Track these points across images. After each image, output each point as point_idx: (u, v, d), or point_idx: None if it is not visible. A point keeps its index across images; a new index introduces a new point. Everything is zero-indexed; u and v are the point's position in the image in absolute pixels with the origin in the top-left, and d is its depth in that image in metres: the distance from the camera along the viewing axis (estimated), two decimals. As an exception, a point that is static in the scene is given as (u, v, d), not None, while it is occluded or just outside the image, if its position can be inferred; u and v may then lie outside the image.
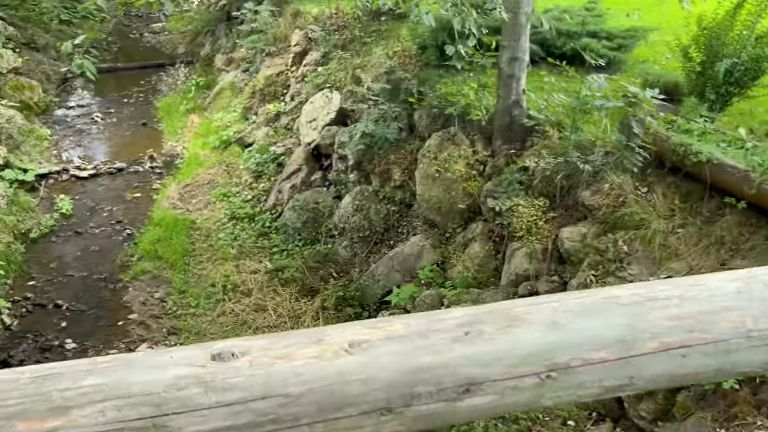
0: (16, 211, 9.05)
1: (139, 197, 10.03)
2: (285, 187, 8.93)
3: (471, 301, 5.68)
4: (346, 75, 9.72)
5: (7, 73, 12.69)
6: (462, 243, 6.60)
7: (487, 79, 7.12)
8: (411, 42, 9.00)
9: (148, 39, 18.39)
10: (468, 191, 6.77)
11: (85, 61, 4.72)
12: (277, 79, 11.88)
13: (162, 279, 8.01)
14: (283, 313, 7.16)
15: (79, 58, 4.76)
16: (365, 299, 7.00)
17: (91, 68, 4.72)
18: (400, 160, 7.65)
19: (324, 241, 7.96)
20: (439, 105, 7.54)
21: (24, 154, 10.74)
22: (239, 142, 10.87)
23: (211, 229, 8.81)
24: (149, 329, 7.20)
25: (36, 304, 7.55)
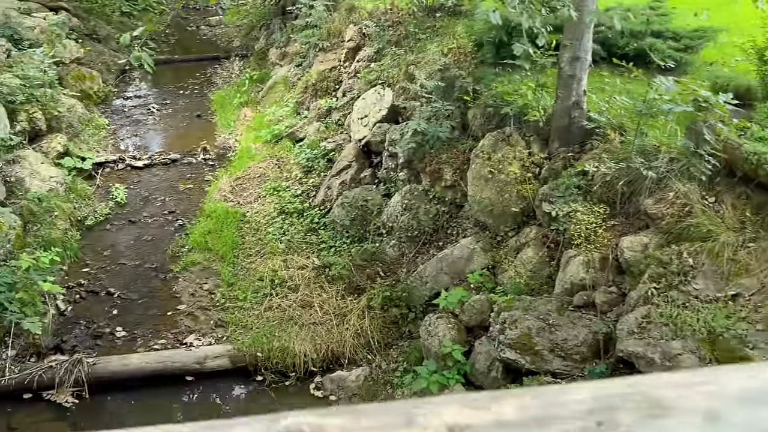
0: (73, 199, 9.29)
1: (191, 188, 10.16)
2: (334, 184, 8.88)
3: (523, 309, 5.49)
4: (399, 71, 9.59)
5: (69, 63, 13.05)
6: (514, 247, 6.41)
7: (545, 79, 6.88)
8: (467, 39, 8.82)
9: (204, 32, 18.66)
10: (522, 194, 6.57)
11: (143, 53, 4.73)
12: (330, 74, 11.85)
13: (211, 271, 8.07)
14: (329, 311, 7.11)
15: (138, 51, 4.78)
16: (412, 300, 6.89)
17: (148, 60, 4.74)
18: (451, 159, 7.50)
19: (372, 240, 7.87)
20: (494, 104, 7.35)
21: (83, 142, 11.01)
22: (290, 136, 10.89)
23: (261, 222, 8.83)
24: (197, 321, 7.26)
25: (89, 291, 7.71)
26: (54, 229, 8.18)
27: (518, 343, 5.30)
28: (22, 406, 6.17)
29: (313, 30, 12.90)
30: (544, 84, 6.83)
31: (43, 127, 10.26)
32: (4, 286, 6.60)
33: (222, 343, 6.85)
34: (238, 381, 6.62)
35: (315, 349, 6.69)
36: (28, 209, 8.16)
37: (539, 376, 5.10)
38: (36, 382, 6.25)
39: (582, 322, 5.22)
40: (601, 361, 4.97)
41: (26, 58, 11.19)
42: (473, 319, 6.03)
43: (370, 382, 6.37)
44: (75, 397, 6.25)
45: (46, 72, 10.79)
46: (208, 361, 6.60)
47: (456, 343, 5.80)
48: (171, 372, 6.53)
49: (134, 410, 6.26)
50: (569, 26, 6.27)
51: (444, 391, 5.58)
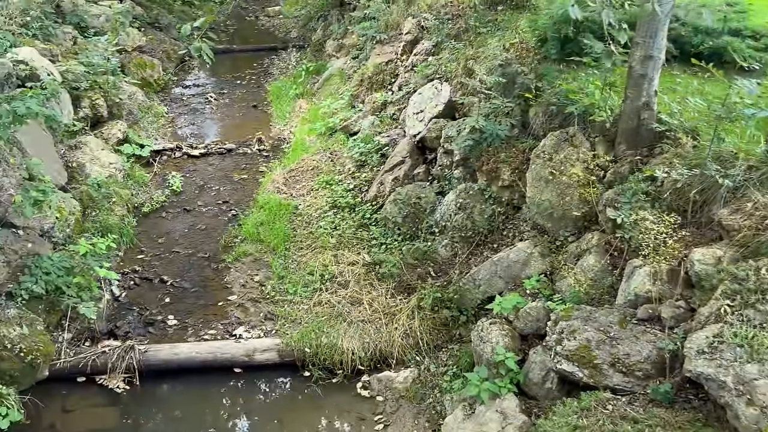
0: (131, 185, 9.44)
1: (245, 179, 10.21)
2: (387, 179, 8.74)
3: (582, 319, 5.24)
4: (457, 66, 9.36)
5: (131, 51, 13.32)
6: (574, 254, 6.14)
7: (614, 78, 6.55)
8: (530, 34, 8.51)
9: (263, 22, 18.78)
10: (585, 198, 6.28)
11: (204, 44, 4.69)
12: (386, 67, 11.70)
13: (262, 262, 8.07)
14: (379, 309, 6.99)
15: (198, 42, 4.73)
16: (463, 303, 6.70)
17: (208, 52, 4.70)
18: (510, 158, 7.25)
19: (424, 238, 7.71)
20: (557, 102, 7.06)
21: (142, 129, 11.21)
22: (344, 129, 10.81)
23: (313, 216, 8.79)
24: (247, 312, 7.26)
25: (143, 277, 7.81)
26: (111, 215, 8.33)
27: (576, 355, 5.06)
28: (76, 389, 6.29)
29: (371, 22, 12.78)
30: (612, 83, 6.50)
31: (105, 114, 10.47)
32: (62, 270, 6.73)
33: (271, 337, 6.82)
34: (285, 375, 6.58)
35: (363, 348, 6.60)
36: (88, 195, 8.32)
37: (598, 392, 4.85)
38: (90, 366, 6.36)
39: (646, 337, 4.94)
40: (666, 380, 4.68)
41: (91, 45, 11.46)
42: (528, 326, 5.80)
43: (418, 385, 6.23)
44: (126, 383, 6.33)
45: (109, 60, 11.01)
46: (257, 354, 6.59)
47: (509, 350, 5.59)
48: (220, 363, 6.55)
49: (183, 399, 6.30)
50: (643, 23, 5.93)
51: (495, 400, 5.39)
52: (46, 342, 6.19)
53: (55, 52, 10.43)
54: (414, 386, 6.21)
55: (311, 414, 6.14)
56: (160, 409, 6.19)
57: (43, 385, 6.13)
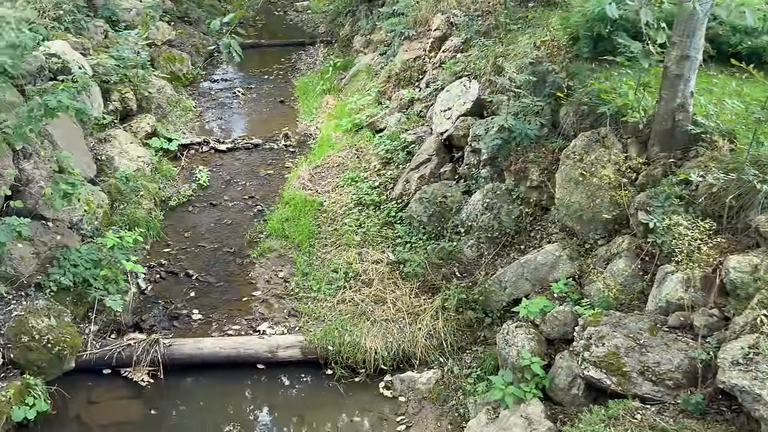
0: (158, 179, 9.51)
1: (271, 174, 10.22)
2: (413, 177, 8.67)
3: (611, 325, 5.12)
4: (486, 63, 9.25)
5: (161, 45, 13.42)
6: (604, 257, 6.00)
7: (648, 78, 6.39)
8: (562, 31, 8.35)
9: (291, 17, 18.80)
10: (616, 200, 6.14)
11: (232, 40, 4.66)
12: (414, 63, 11.60)
13: (287, 258, 8.07)
14: (402, 309, 6.94)
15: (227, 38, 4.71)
16: (489, 305, 6.61)
17: (236, 48, 4.68)
18: (539, 158, 7.13)
19: (449, 238, 7.62)
20: (589, 102, 6.91)
21: (170, 123, 11.28)
22: (371, 126, 10.76)
23: (338, 213, 8.76)
24: (271, 308, 7.26)
25: (169, 271, 7.86)
26: (139, 208, 8.40)
27: (604, 361, 4.95)
28: (101, 381, 6.35)
29: (400, 18, 12.68)
30: (646, 83, 6.34)
31: (134, 107, 10.56)
32: (89, 262, 6.80)
33: (294, 334, 6.81)
34: (308, 373, 6.57)
35: (386, 347, 6.55)
36: (116, 188, 8.39)
37: (626, 400, 4.74)
38: (115, 358, 6.42)
39: (677, 345, 4.81)
40: (697, 391, 4.55)
41: (122, 39, 11.56)
42: (555, 331, 5.70)
43: (441, 387, 6.17)
44: (150, 376, 6.37)
45: (139, 53, 11.10)
46: (280, 351, 6.59)
47: (535, 355, 5.49)
48: (243, 359, 6.56)
49: (206, 393, 6.32)
50: (680, 22, 5.77)
51: (520, 405, 5.30)
52: (73, 334, 6.26)
53: (86, 46, 10.54)
54: (437, 388, 6.15)
55: (333, 412, 6.12)
56: (183, 403, 6.22)
57: (70, 376, 6.20)
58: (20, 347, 5.92)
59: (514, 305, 6.41)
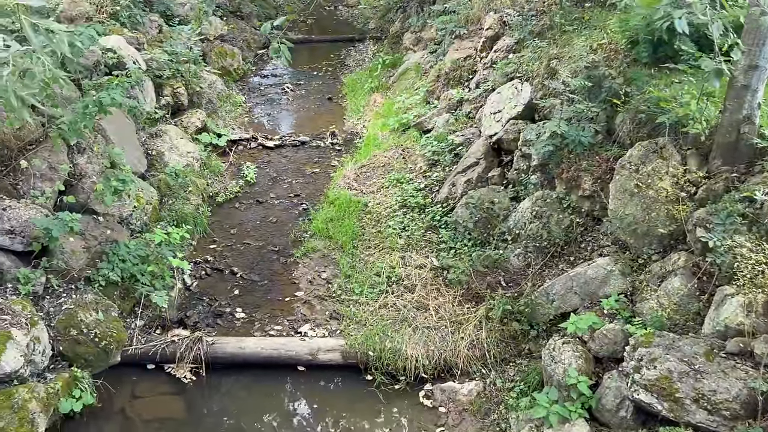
0: (207, 175, 9.61)
1: (317, 173, 10.21)
2: (460, 181, 8.52)
3: (664, 347, 4.90)
4: (539, 65, 9.00)
5: (213, 40, 13.57)
6: (658, 274, 5.76)
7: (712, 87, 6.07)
8: (620, 35, 8.05)
9: (341, 12, 18.78)
10: (672, 215, 5.88)
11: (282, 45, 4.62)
12: (464, 63, 11.41)
13: (330, 259, 8.05)
14: (445, 316, 6.83)
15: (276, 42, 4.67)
16: (535, 317, 6.44)
17: (286, 53, 4.63)
18: (593, 167, 6.89)
19: (495, 245, 7.46)
20: (647, 110, 6.63)
21: (220, 118, 11.39)
22: (418, 126, 10.63)
23: (382, 214, 8.68)
24: (313, 309, 7.25)
25: (215, 268, 7.93)
26: (187, 204, 8.49)
27: (656, 385, 4.74)
28: (145, 376, 6.45)
29: (451, 16, 12.49)
30: (710, 93, 6.04)
31: (185, 102, 10.69)
32: (137, 258, 6.90)
33: (335, 337, 6.78)
34: (347, 377, 6.53)
35: (427, 355, 6.46)
36: (165, 183, 8.51)
37: (678, 428, 4.54)
38: (159, 354, 6.50)
39: (736, 374, 4.56)
40: (756, 424, 4.31)
41: (175, 34, 11.72)
42: (604, 349, 5.49)
43: (483, 399, 6.04)
44: (193, 373, 6.44)
45: (191, 49, 11.22)
46: (320, 354, 6.57)
47: (582, 373, 5.31)
48: (284, 360, 6.56)
49: (246, 393, 6.35)
50: (749, 30, 5.46)
51: (564, 425, 5.14)
52: (119, 328, 6.37)
53: (141, 41, 10.70)
54: (478, 400, 6.02)
55: (371, 419, 6.07)
56: (224, 401, 6.26)
57: (115, 370, 6.32)
58: (69, 340, 6.05)
59: (561, 319, 6.24)
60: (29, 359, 5.61)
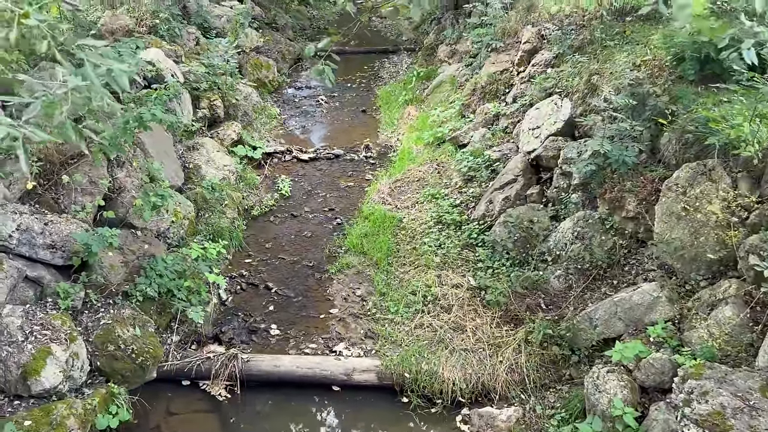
0: (242, 187, 9.63)
1: (351, 186, 10.17)
2: (497, 198, 8.38)
3: (716, 380, 4.71)
4: (579, 81, 8.84)
5: (249, 52, 13.66)
6: (707, 302, 5.55)
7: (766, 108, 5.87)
8: (664, 51, 7.86)
9: (375, 23, 18.78)
10: (722, 240, 5.67)
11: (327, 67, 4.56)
12: (501, 76, 11.28)
13: (365, 276, 7.97)
14: (483, 339, 6.69)
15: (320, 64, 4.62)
16: (576, 342, 6.26)
17: (330, 76, 4.57)
18: (637, 188, 6.70)
19: (534, 266, 7.30)
20: (695, 130, 6.43)
21: (255, 131, 11.44)
22: (453, 140, 10.52)
23: (417, 231, 8.59)
24: (348, 328, 7.17)
25: (249, 283, 7.91)
26: (223, 217, 8.50)
27: (708, 421, 4.55)
28: (180, 392, 6.44)
29: (487, 29, 12.38)
30: (764, 114, 5.82)
31: (221, 115, 10.76)
32: (174, 273, 6.91)
33: (370, 357, 6.69)
34: (383, 399, 6.43)
35: (465, 379, 6.33)
36: (202, 196, 8.54)
37: (732, 467, 4.34)
38: (194, 371, 6.49)
39: (794, 412, 4.36)
40: (818, 467, 4.10)
41: (212, 46, 11.82)
42: (650, 379, 5.31)
43: (522, 426, 5.88)
44: (228, 391, 6.41)
45: (228, 61, 11.29)
46: (356, 374, 6.48)
47: (628, 404, 5.13)
48: (319, 379, 6.49)
49: (280, 412, 6.30)
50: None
51: (609, 458, 4.97)
52: (155, 344, 6.37)
53: (179, 53, 10.82)
54: (518, 427, 5.87)
55: (407, 443, 5.96)
56: (258, 420, 6.21)
57: (151, 386, 6.31)
58: (106, 355, 6.07)
59: (604, 345, 6.07)
60: (68, 375, 5.63)
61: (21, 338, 5.59)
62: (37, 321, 5.78)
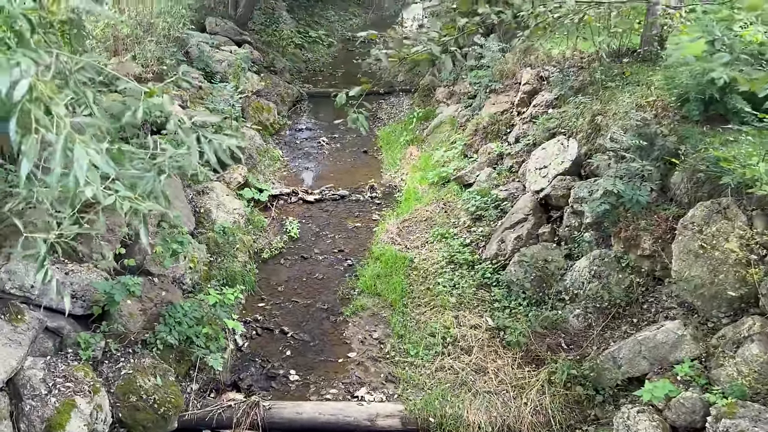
0: (251, 231, 9.63)
1: (359, 227, 10.21)
2: (509, 237, 8.46)
3: (750, 419, 4.74)
4: (583, 121, 9.04)
5: (250, 95, 13.80)
6: (732, 339, 5.61)
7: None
8: (667, 92, 8.09)
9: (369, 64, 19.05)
10: (743, 277, 5.77)
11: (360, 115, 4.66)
12: (502, 117, 11.50)
13: (380, 318, 7.95)
14: (505, 380, 6.68)
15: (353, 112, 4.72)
16: (601, 382, 6.27)
17: (364, 123, 4.67)
18: (652, 226, 6.82)
19: (552, 305, 7.35)
20: (707, 170, 6.59)
21: (260, 173, 11.49)
22: (458, 180, 10.65)
23: (429, 271, 8.62)
24: (367, 371, 7.12)
25: (264, 327, 7.86)
26: (235, 261, 8.48)
27: (746, 461, 4.56)
28: (202, 442, 6.32)
29: (485, 70, 12.65)
30: (775, 153, 6.00)
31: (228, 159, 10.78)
32: (193, 320, 6.86)
33: (393, 402, 6.64)
34: (407, 445, 6.36)
35: (490, 422, 6.29)
36: (214, 241, 8.53)
37: (775, 508, 4.34)
38: (215, 420, 6.38)
39: (833, 450, 4.39)
40: None
41: (216, 91, 11.94)
42: (681, 419, 5.32)
43: (552, 469, 5.85)
44: (250, 440, 6.31)
45: (234, 105, 11.41)
46: (379, 420, 6.42)
47: (661, 445, 5.13)
48: (342, 426, 6.41)
49: (304, 461, 6.20)
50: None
51: (646, 500, 4.94)
52: (177, 393, 6.28)
53: (184, 98, 10.92)
54: (547, 470, 5.83)
55: (436, 489, 5.88)
56: (282, 470, 6.12)
57: (172, 437, 6.21)
58: (128, 406, 5.97)
59: (628, 384, 6.08)
60: (92, 428, 5.53)
61: (44, 391, 5.49)
62: (59, 373, 5.69)
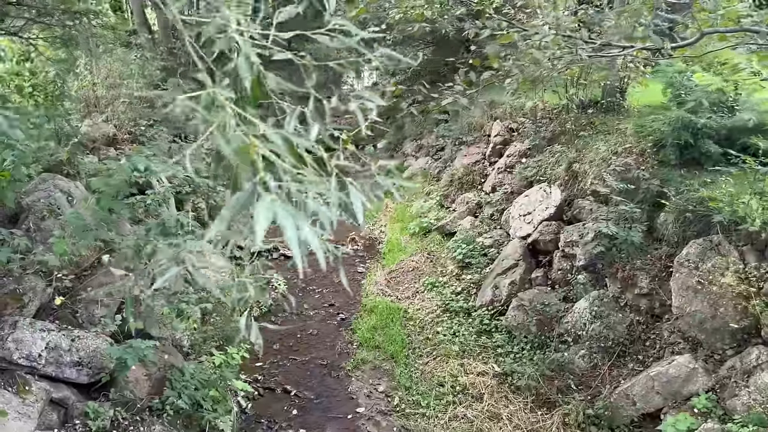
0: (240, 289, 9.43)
1: (346, 281, 10.17)
2: (503, 283, 8.63)
3: (776, 445, 4.94)
4: (560, 169, 9.45)
5: (218, 154, 13.72)
6: (743, 370, 5.87)
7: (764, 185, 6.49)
8: (641, 139, 8.60)
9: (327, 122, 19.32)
10: (743, 309, 6.08)
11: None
12: (474, 167, 11.88)
13: (383, 371, 7.88)
14: (520, 425, 6.70)
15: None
16: (615, 420, 6.39)
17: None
18: (647, 266, 7.13)
19: (555, 348, 7.49)
20: (695, 210, 6.99)
21: (237, 231, 11.34)
22: (440, 229, 10.84)
23: (425, 320, 8.65)
24: (379, 426, 7.00)
25: (265, 387, 7.65)
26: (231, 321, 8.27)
27: (780, 486, 4.73)
28: None
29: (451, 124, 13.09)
30: (762, 192, 6.44)
31: (206, 216, 10.66)
32: (200, 383, 6.61)
33: (412, 455, 6.54)
34: (430, 498, 6.25)
35: (511, 468, 6.27)
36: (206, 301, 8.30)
37: None
38: (232, 487, 6.12)
39: None
40: None
41: (189, 150, 11.83)
42: (706, 450, 5.48)
43: None
44: (270, 506, 6.05)
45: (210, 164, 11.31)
46: (400, 474, 6.30)
47: (692, 477, 5.25)
48: (362, 484, 6.26)
49: None
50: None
51: None
52: (190, 461, 6.00)
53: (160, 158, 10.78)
54: None
55: None
56: None
57: None
58: (142, 479, 5.65)
59: (643, 420, 6.22)
60: (110, 504, 5.19)
61: (57, 468, 5.15)
62: (70, 447, 5.36)
